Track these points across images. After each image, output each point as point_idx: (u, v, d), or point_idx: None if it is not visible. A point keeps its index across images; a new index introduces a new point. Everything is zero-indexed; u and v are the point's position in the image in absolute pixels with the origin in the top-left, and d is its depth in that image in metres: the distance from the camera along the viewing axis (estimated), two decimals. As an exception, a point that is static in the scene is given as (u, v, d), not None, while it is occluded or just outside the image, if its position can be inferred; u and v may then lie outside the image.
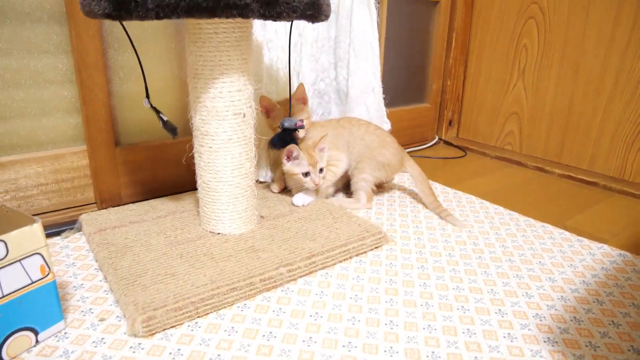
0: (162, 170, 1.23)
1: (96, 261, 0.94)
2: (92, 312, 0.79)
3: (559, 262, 0.99)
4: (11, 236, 0.64)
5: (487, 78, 1.83)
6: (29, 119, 1.06)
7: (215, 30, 0.85)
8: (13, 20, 0.99)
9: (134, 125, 1.19)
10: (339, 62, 1.41)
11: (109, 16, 0.69)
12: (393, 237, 1.09)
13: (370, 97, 1.44)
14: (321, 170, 1.13)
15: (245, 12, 0.76)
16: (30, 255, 0.67)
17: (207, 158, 0.94)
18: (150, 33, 1.16)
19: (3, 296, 0.65)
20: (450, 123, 1.94)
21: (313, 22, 0.91)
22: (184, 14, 0.71)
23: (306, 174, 1.11)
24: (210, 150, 0.93)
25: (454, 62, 1.85)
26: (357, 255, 0.99)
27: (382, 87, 1.53)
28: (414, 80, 1.83)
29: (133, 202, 1.18)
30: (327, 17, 0.90)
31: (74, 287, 0.86)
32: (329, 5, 0.90)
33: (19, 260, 0.66)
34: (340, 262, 0.96)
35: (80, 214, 1.11)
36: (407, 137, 1.83)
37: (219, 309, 0.80)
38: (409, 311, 0.81)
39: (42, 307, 0.70)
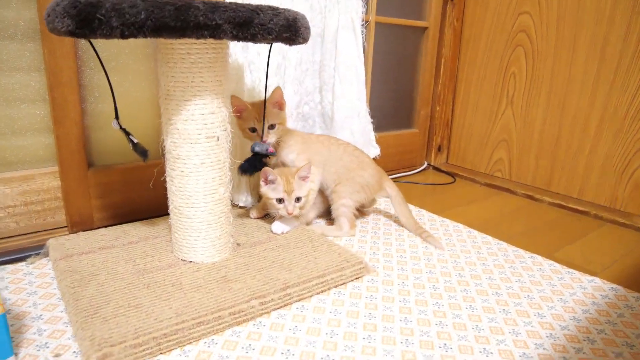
0: (137, 193, 1.19)
1: (59, 290, 0.89)
2: (47, 347, 0.73)
3: (548, 296, 0.94)
4: (-48, 265, 0.59)
5: (475, 105, 1.81)
6: (-2, 138, 1.02)
7: (188, 50, 0.82)
8: (-16, 37, 0.96)
9: (108, 146, 1.16)
10: (324, 85, 1.38)
11: (72, 34, 0.66)
12: (375, 267, 1.04)
13: (356, 121, 1.41)
14: (298, 199, 1.08)
15: (217, 33, 0.73)
16: (-26, 286, 0.62)
17: (178, 183, 0.90)
18: (128, 52, 1.13)
19: (-59, 331, 0.60)
20: (439, 149, 1.92)
21: (290, 44, 0.88)
22: (151, 34, 0.68)
23: (280, 201, 1.06)
24: (182, 174, 0.89)
25: (443, 88, 1.83)
26: (335, 287, 0.94)
27: (370, 111, 1.51)
28: (403, 106, 1.81)
29: (106, 227, 1.13)
30: (305, 40, 0.88)
31: (32, 318, 0.81)
32: (307, 28, 0.88)
33: (-39, 292, 0.61)
34: (317, 294, 0.91)
35: (50, 238, 1.06)
36: (395, 162, 1.80)
37: (184, 345, 0.75)
38: (387, 349, 0.76)
39: (-14, 343, 0.65)
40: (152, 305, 0.79)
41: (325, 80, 1.37)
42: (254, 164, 1.02)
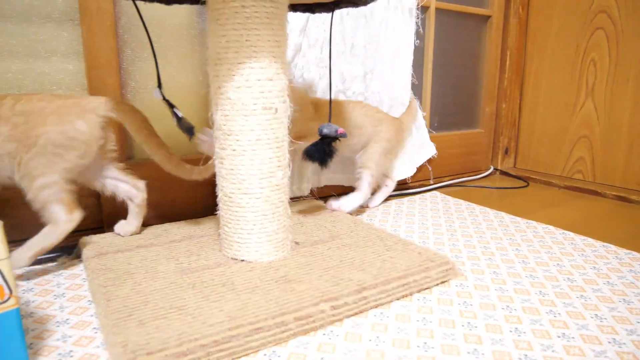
0: (179, 191, 1.06)
1: (90, 289, 0.75)
2: (71, 356, 0.59)
3: (694, 304, 0.73)
4: (-47, 241, 0.46)
5: (547, 99, 1.62)
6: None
7: (243, 3, 0.70)
8: (19, 16, 0.88)
9: (151, 137, 1.04)
10: (369, 73, 1.23)
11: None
12: (461, 270, 0.86)
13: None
14: None
15: None
16: (-19, 271, 0.49)
17: (229, 164, 0.76)
18: (171, 32, 1.02)
19: (-64, 327, 0.46)
20: (506, 151, 1.72)
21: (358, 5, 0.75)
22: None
23: None
24: (234, 153, 0.75)
25: (509, 83, 1.66)
26: (418, 292, 0.76)
27: (430, 108, 1.36)
28: (465, 103, 1.64)
29: (144, 227, 1.00)
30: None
31: (57, 322, 0.67)
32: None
33: (-36, 277, 0.48)
34: (397, 299, 0.74)
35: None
36: (459, 165, 1.61)
37: (239, 357, 0.59)
38: (504, 366, 0.57)
39: (-4, 347, 0.51)
40: (199, 307, 0.64)
41: (371, 67, 1.22)
42: (322, 149, 0.87)
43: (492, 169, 1.71)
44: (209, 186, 1.07)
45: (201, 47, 1.06)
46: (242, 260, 0.79)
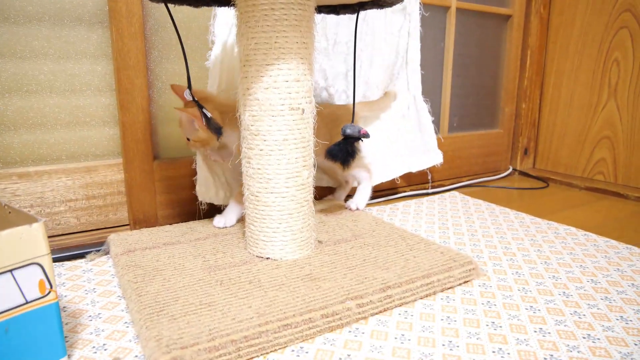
0: (204, 189, 1.08)
1: (120, 285, 0.78)
2: (105, 349, 0.61)
3: None
4: (1, 237, 0.48)
5: (568, 100, 1.61)
6: (62, 127, 0.95)
7: (272, 5, 0.71)
8: (51, 19, 0.90)
9: (176, 137, 1.06)
10: (350, 71, 1.18)
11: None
12: (484, 270, 0.86)
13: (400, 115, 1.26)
14: None
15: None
16: (25, 266, 0.51)
17: (256, 163, 0.77)
18: (198, 34, 1.04)
19: (-16, 319, 0.48)
20: (525, 152, 1.71)
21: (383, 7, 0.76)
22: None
23: None
24: (261, 153, 0.76)
25: (529, 83, 1.65)
26: (442, 291, 0.77)
27: (449, 108, 1.35)
28: (484, 103, 1.63)
29: (170, 225, 1.02)
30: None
31: (89, 317, 0.69)
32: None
33: (10, 271, 0.50)
34: (421, 298, 0.74)
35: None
36: (478, 165, 1.61)
37: (267, 352, 0.60)
38: (530, 366, 0.58)
39: (38, 338, 0.53)
40: (228, 303, 0.65)
41: (352, 64, 1.17)
42: (345, 149, 0.88)
43: (511, 169, 1.70)
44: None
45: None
46: (268, 258, 0.80)
